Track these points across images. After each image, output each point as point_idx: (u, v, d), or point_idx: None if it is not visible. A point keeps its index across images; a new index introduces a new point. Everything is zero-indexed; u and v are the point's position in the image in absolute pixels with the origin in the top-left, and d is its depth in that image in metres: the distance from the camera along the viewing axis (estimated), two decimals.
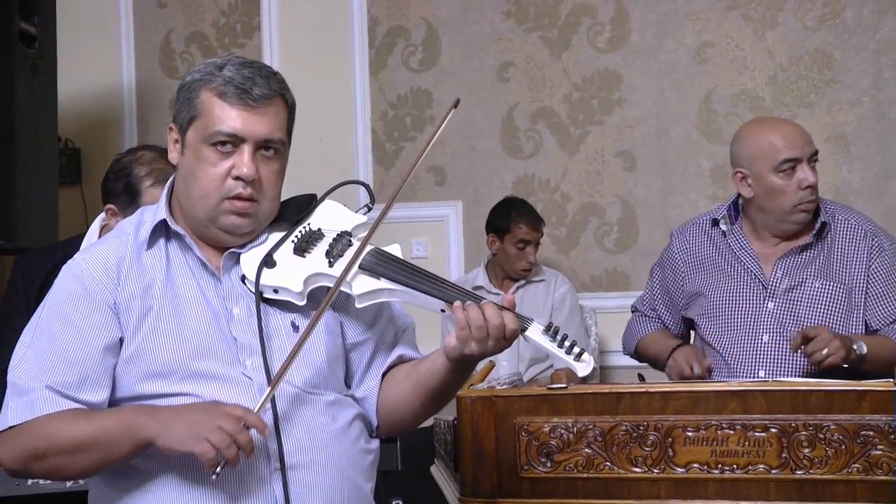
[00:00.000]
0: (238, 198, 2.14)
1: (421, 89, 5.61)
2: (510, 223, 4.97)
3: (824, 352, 2.96)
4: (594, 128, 5.42)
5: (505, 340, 2.06)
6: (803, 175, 3.21)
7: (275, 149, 2.17)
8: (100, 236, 3.15)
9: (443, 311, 2.13)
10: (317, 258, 2.19)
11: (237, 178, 2.13)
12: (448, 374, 2.15)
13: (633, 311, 3.72)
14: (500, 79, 5.52)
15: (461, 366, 2.14)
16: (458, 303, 2.08)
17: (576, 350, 2.05)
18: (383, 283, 2.15)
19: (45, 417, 2.03)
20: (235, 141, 2.13)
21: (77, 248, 3.12)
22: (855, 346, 3.02)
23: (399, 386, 2.25)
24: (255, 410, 1.98)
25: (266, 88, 2.15)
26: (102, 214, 3.24)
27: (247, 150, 2.13)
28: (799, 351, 3.06)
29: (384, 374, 2.29)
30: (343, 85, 5.66)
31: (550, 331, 2.07)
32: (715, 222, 3.43)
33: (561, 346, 2.05)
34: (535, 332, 2.07)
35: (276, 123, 2.16)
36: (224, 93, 2.13)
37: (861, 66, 5.13)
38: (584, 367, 2.05)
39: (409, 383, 2.23)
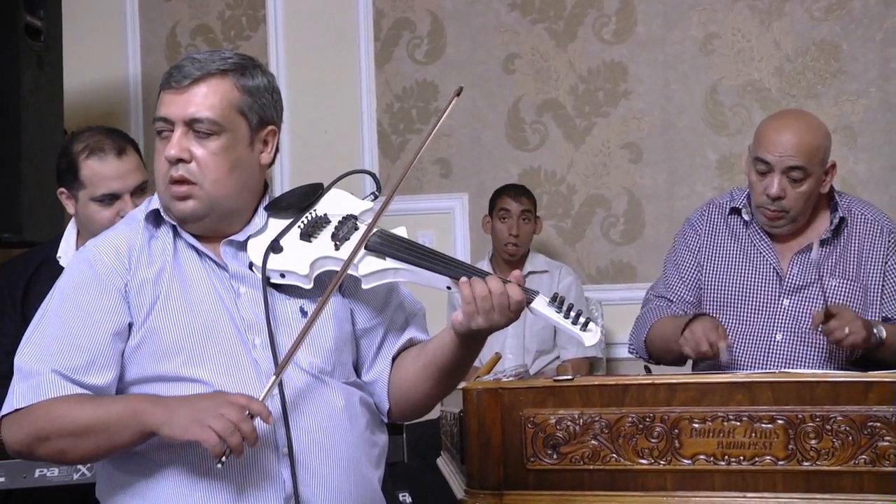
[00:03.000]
0: (172, 181, 2.14)
1: (426, 81, 5.60)
2: (496, 198, 5.02)
3: (846, 330, 2.91)
4: (600, 119, 5.41)
5: (510, 311, 2.06)
6: (768, 182, 3.10)
7: (205, 129, 2.12)
8: (78, 235, 3.12)
9: (448, 288, 2.13)
10: (323, 242, 2.19)
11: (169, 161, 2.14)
12: (457, 350, 2.15)
13: (643, 305, 3.41)
14: (506, 71, 5.51)
15: (470, 340, 2.14)
16: (463, 278, 2.08)
17: (581, 320, 2.05)
18: (389, 263, 2.15)
19: (50, 401, 2.04)
20: (168, 126, 2.14)
21: (55, 249, 3.13)
22: (875, 331, 2.98)
23: (410, 367, 2.25)
24: (260, 399, 1.97)
25: (195, 69, 2.13)
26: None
27: (175, 132, 2.13)
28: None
29: (395, 358, 2.28)
30: (348, 77, 5.64)
31: (556, 301, 2.07)
32: (735, 211, 3.27)
33: (567, 316, 2.05)
34: (540, 303, 2.07)
35: (203, 103, 2.12)
36: (163, 83, 2.16)
37: (868, 57, 5.12)
38: (590, 337, 2.05)
39: (420, 363, 2.23)
